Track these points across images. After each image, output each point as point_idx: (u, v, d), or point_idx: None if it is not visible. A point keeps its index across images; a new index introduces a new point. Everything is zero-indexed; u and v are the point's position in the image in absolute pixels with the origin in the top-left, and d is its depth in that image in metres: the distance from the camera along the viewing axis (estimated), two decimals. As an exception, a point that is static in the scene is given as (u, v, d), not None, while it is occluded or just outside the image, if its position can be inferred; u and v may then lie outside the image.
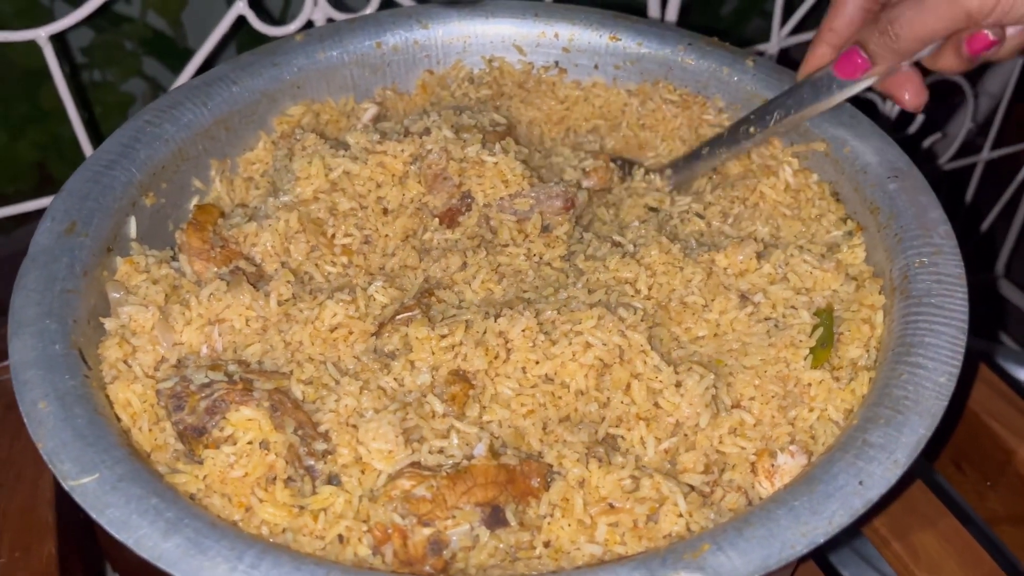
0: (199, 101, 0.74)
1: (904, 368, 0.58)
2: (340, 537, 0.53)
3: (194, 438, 0.56)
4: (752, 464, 0.60)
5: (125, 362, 0.60)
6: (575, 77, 0.85)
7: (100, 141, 0.71)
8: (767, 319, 0.66)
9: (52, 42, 0.85)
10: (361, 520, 0.53)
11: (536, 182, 0.73)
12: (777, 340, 0.64)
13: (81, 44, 1.47)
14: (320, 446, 0.56)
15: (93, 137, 0.93)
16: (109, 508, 0.49)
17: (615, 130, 0.84)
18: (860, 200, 0.70)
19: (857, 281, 0.67)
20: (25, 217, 0.99)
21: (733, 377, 0.63)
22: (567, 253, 0.71)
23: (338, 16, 0.95)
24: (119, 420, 0.57)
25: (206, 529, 0.49)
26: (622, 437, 0.60)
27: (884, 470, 0.53)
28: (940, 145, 1.44)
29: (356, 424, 0.57)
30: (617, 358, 0.61)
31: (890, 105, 1.30)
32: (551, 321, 0.62)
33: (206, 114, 0.74)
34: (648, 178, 0.79)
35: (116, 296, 0.63)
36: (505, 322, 0.61)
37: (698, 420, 0.60)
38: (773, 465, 0.59)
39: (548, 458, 0.58)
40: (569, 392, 0.61)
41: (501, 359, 0.61)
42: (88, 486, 0.50)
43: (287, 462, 0.55)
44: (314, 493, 0.55)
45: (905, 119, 1.33)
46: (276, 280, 0.64)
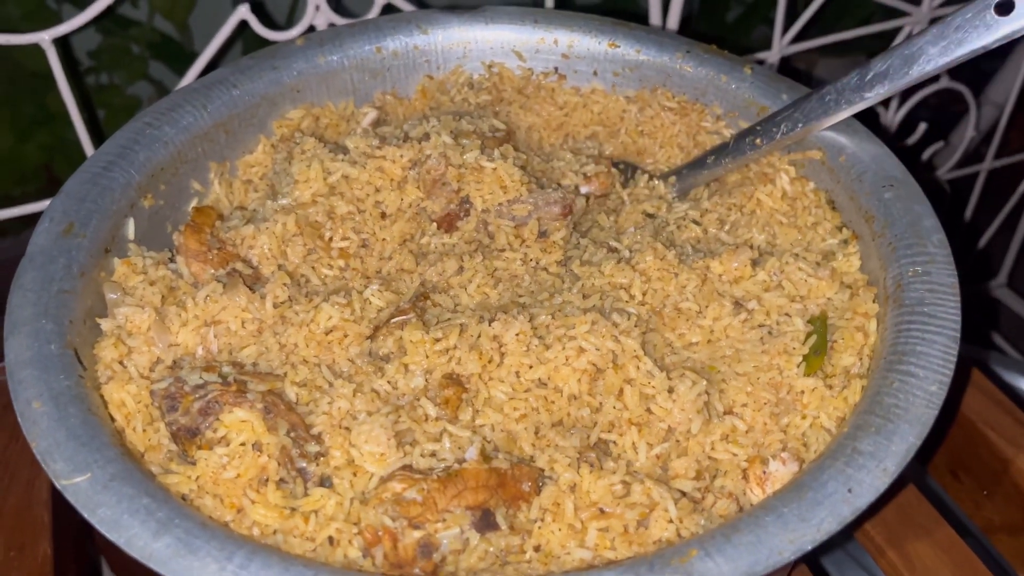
0: (199, 104, 0.74)
1: (895, 376, 0.58)
2: (330, 539, 0.53)
3: (187, 439, 0.56)
4: (744, 471, 0.60)
5: (121, 363, 0.60)
6: (574, 83, 0.85)
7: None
8: (761, 326, 0.66)
9: (56, 46, 0.86)
10: (352, 522, 0.53)
11: (535, 188, 0.73)
12: (770, 347, 0.64)
13: (89, 48, 1.48)
14: (313, 448, 0.57)
15: (97, 140, 0.94)
16: (100, 507, 0.49)
17: (613, 136, 0.84)
18: (855, 208, 0.70)
19: (851, 289, 0.67)
20: (32, 219, 0.99)
21: (726, 384, 0.63)
22: (564, 258, 0.71)
23: (339, 21, 0.95)
24: (113, 420, 0.57)
25: (196, 529, 0.49)
26: (614, 442, 0.60)
27: (873, 478, 0.53)
28: (942, 154, 1.44)
29: (349, 427, 0.57)
30: (610, 363, 0.61)
31: (892, 114, 1.30)
32: (545, 326, 0.62)
33: (206, 117, 0.74)
34: (651, 184, 0.79)
35: (113, 297, 0.63)
36: (499, 326, 0.62)
37: (690, 426, 0.60)
38: (765, 472, 0.59)
39: (540, 462, 0.58)
40: (562, 397, 0.61)
41: (495, 363, 0.61)
42: (80, 485, 0.50)
43: (279, 464, 0.55)
44: (306, 495, 0.55)
45: (908, 128, 1.33)
46: (272, 282, 0.65)
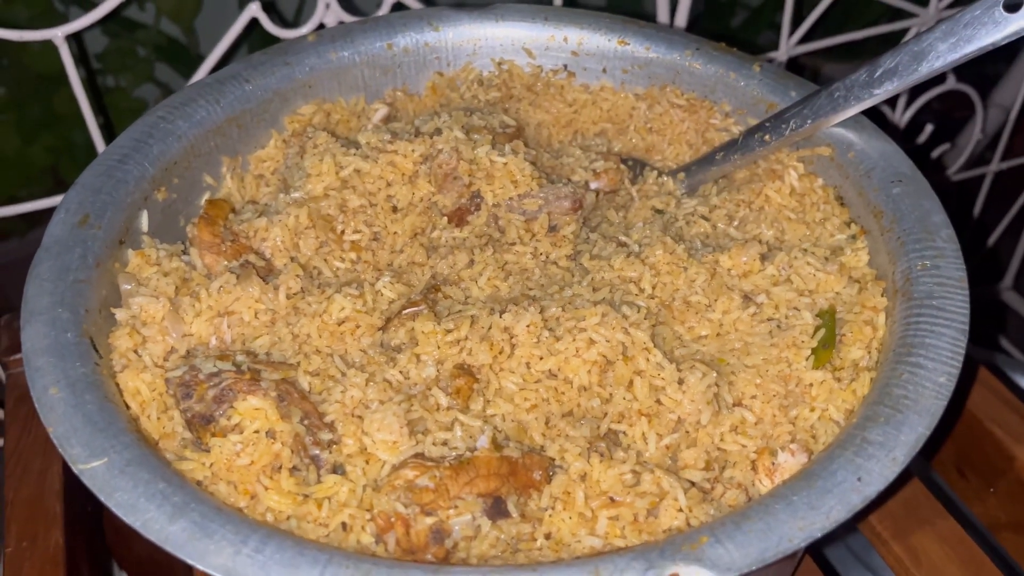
0: (212, 98, 0.75)
1: (904, 368, 0.58)
2: (344, 525, 0.54)
3: (201, 426, 0.56)
4: (752, 462, 0.60)
5: (135, 351, 0.61)
6: (583, 80, 0.86)
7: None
8: (770, 320, 0.66)
9: (69, 43, 0.86)
10: (365, 509, 0.54)
11: (545, 183, 0.73)
12: (779, 340, 0.64)
13: (95, 50, 1.49)
14: (325, 436, 0.57)
15: (107, 140, 0.95)
16: (117, 492, 0.50)
17: (622, 133, 0.85)
18: (864, 204, 0.71)
19: (860, 284, 0.68)
20: (38, 219, 1.00)
21: (735, 376, 0.63)
22: (573, 252, 0.72)
23: (349, 19, 0.96)
24: (128, 408, 0.58)
25: (212, 513, 0.49)
26: (624, 433, 0.60)
27: (883, 467, 0.53)
28: (949, 156, 1.45)
29: (361, 415, 0.58)
30: (620, 355, 0.62)
31: (899, 114, 1.31)
32: (555, 318, 0.63)
33: (219, 111, 0.75)
34: (660, 181, 0.79)
35: (127, 287, 0.64)
36: (510, 318, 0.62)
37: (699, 417, 0.60)
38: (773, 463, 0.60)
39: (550, 452, 0.58)
40: (572, 388, 0.61)
41: (505, 354, 0.62)
42: (97, 470, 0.51)
43: (293, 451, 0.56)
44: (319, 482, 0.55)
45: (914, 129, 1.33)
46: (285, 274, 0.65)
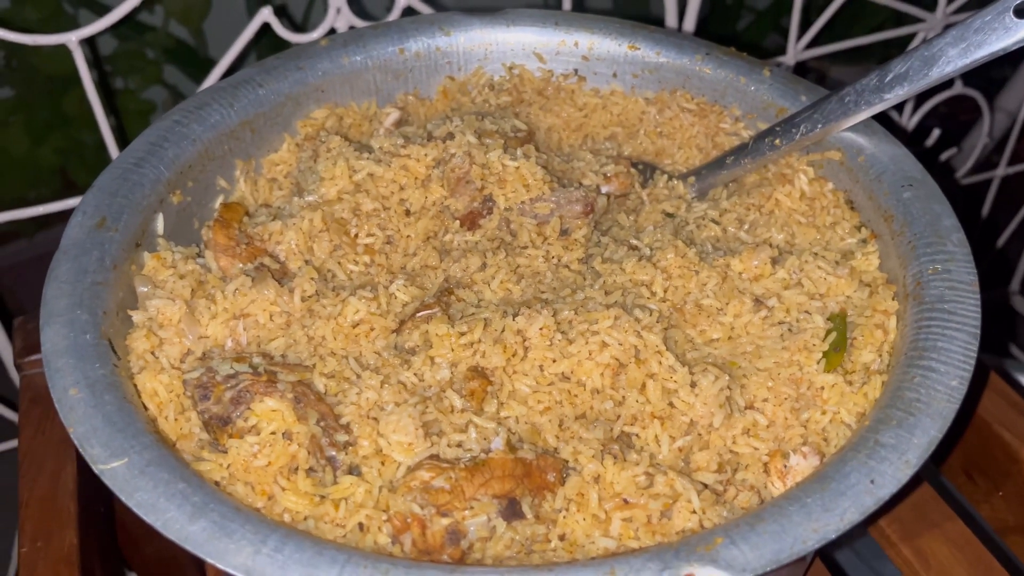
0: (226, 102, 0.75)
1: (916, 371, 0.58)
2: (360, 525, 0.54)
3: (219, 427, 0.57)
4: (765, 464, 0.60)
5: (152, 353, 0.61)
6: (594, 85, 0.86)
7: (124, 147, 0.72)
8: (781, 323, 0.67)
9: (83, 47, 0.87)
10: (381, 509, 0.54)
11: (556, 187, 0.74)
12: (791, 344, 0.65)
13: (104, 52, 1.50)
14: (341, 437, 0.58)
15: (118, 142, 0.95)
16: (138, 491, 0.50)
17: (633, 137, 0.85)
18: (874, 208, 0.71)
19: (871, 287, 0.68)
20: (47, 221, 1.00)
21: (747, 379, 0.63)
22: (585, 256, 0.72)
23: (360, 24, 0.96)
24: (146, 409, 0.58)
25: (231, 513, 0.50)
26: (637, 435, 0.61)
27: (895, 470, 0.53)
28: (956, 160, 1.45)
29: (377, 417, 0.58)
30: (633, 358, 0.62)
31: (907, 118, 1.31)
32: (568, 321, 0.63)
33: (232, 115, 0.75)
34: (670, 184, 0.80)
35: (144, 290, 0.64)
36: (523, 321, 0.62)
37: (712, 420, 0.61)
38: (786, 466, 0.60)
39: (564, 454, 0.59)
40: (585, 390, 0.62)
41: (519, 357, 0.62)
42: (117, 470, 0.51)
43: (309, 452, 0.56)
44: (335, 483, 0.56)
45: (921, 133, 1.33)
46: (300, 277, 0.66)
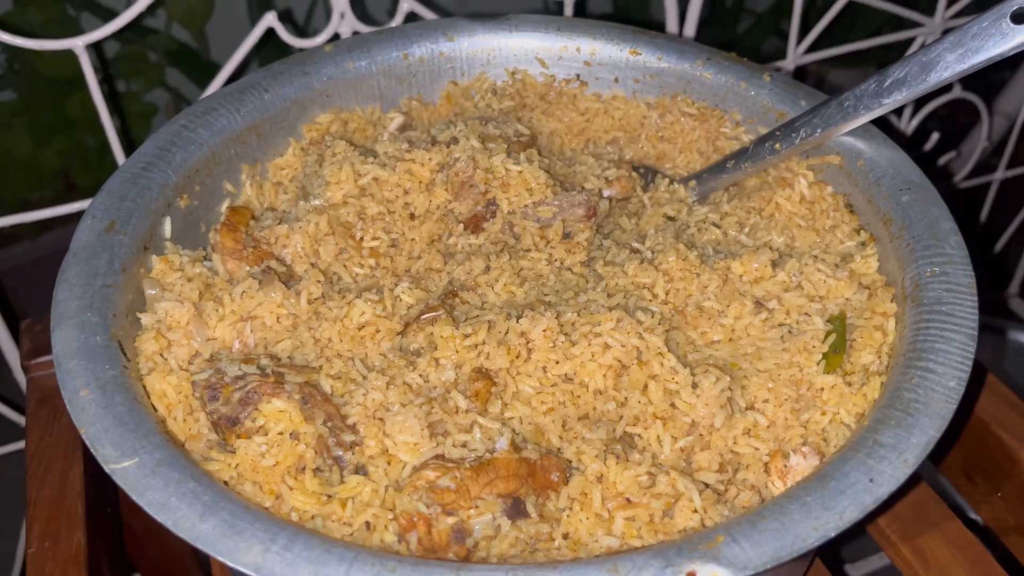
0: (232, 107, 0.76)
1: (915, 372, 0.59)
2: (367, 524, 0.55)
3: (227, 428, 0.58)
4: (765, 464, 0.61)
5: (161, 355, 0.62)
6: (596, 90, 0.87)
7: (128, 149, 0.73)
8: (781, 325, 0.67)
9: (89, 51, 0.88)
10: (387, 508, 0.55)
11: (559, 191, 0.75)
12: (791, 345, 0.66)
13: (108, 55, 1.50)
14: (348, 438, 0.58)
15: (123, 144, 0.96)
16: (149, 491, 0.51)
17: (634, 142, 0.86)
18: (873, 211, 0.72)
19: (870, 290, 0.69)
20: (50, 223, 1.01)
21: (748, 380, 0.64)
22: (587, 259, 0.73)
23: (363, 29, 0.97)
24: (156, 410, 0.59)
25: (241, 512, 0.51)
26: (639, 435, 0.61)
27: (894, 469, 0.54)
28: (955, 163, 1.46)
29: (383, 417, 0.59)
30: (635, 359, 0.63)
31: (906, 122, 1.32)
32: (571, 323, 0.64)
33: (239, 120, 0.76)
34: (672, 188, 0.80)
35: (152, 292, 0.65)
36: (527, 323, 0.63)
37: (713, 420, 0.61)
38: (786, 466, 0.61)
39: (567, 454, 0.60)
40: (588, 391, 0.62)
41: (522, 358, 0.63)
42: (129, 470, 0.52)
43: (316, 452, 0.57)
44: (342, 482, 0.57)
45: (921, 136, 1.34)
46: (306, 279, 0.66)
